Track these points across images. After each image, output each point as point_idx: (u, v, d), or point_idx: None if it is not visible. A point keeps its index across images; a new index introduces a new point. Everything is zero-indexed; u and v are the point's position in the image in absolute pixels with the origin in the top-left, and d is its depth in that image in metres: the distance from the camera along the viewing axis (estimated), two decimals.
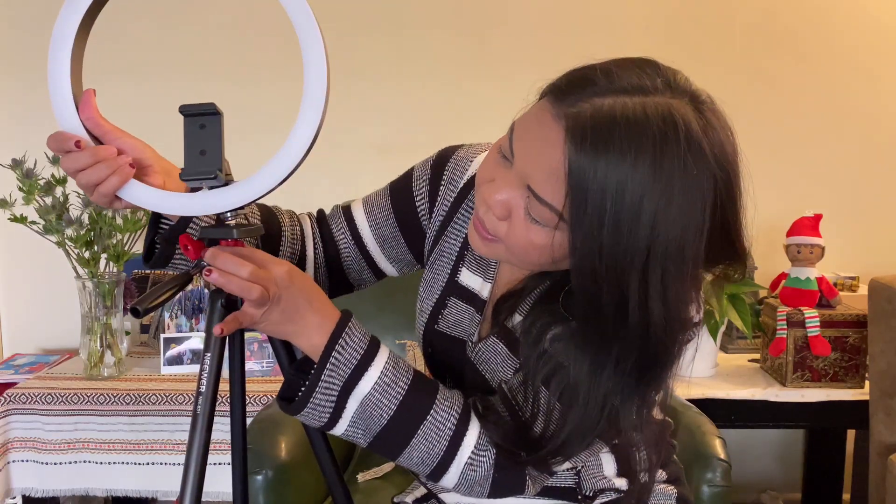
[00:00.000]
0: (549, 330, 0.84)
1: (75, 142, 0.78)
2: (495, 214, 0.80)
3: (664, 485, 1.04)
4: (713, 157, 0.73)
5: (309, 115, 0.77)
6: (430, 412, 0.84)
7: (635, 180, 0.70)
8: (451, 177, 1.00)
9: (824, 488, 2.25)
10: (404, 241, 1.03)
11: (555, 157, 0.73)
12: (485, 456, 0.85)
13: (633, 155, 0.70)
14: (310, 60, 0.75)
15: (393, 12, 2.30)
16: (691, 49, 2.29)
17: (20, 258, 2.37)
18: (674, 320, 0.75)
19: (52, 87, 0.79)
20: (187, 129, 0.79)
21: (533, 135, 0.76)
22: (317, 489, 1.53)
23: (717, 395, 1.90)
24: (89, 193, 0.81)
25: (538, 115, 0.77)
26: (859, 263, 2.35)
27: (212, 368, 0.81)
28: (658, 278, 0.72)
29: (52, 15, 0.78)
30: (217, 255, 0.78)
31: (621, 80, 0.73)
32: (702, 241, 0.73)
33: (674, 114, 0.72)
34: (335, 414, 0.83)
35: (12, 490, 1.92)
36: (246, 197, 0.79)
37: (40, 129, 2.27)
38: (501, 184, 0.80)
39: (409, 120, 2.32)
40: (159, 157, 0.87)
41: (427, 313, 1.01)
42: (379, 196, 1.04)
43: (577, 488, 0.97)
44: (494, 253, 0.85)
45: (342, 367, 0.82)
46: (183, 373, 2.04)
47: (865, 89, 2.34)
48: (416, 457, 0.85)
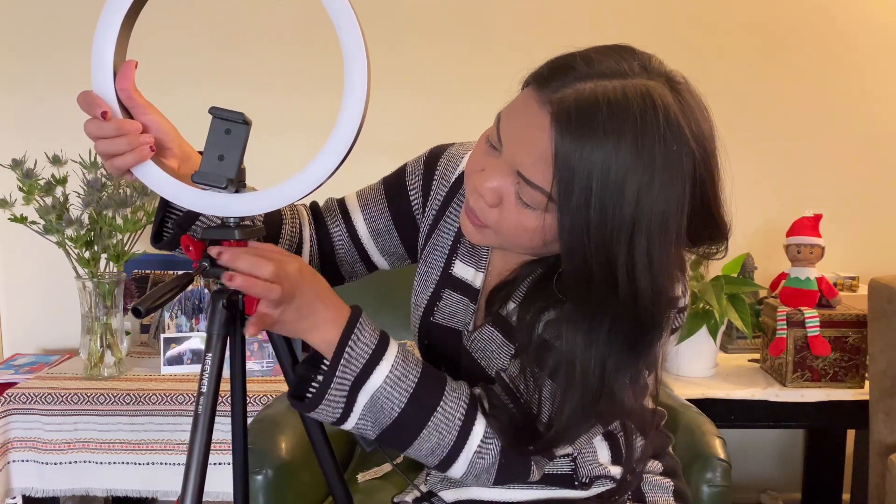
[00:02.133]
0: (544, 315, 0.87)
1: (102, 112, 0.78)
2: (487, 202, 0.84)
3: (660, 476, 1.05)
4: (691, 134, 0.77)
5: (336, 148, 0.78)
6: (440, 404, 0.85)
7: (619, 159, 0.74)
8: (444, 172, 1.03)
9: (824, 488, 2.26)
10: (397, 235, 1.06)
11: (542, 141, 0.77)
12: (492, 444, 0.87)
13: (615, 135, 0.74)
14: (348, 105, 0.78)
15: (402, 22, 2.30)
16: (691, 49, 2.29)
17: (20, 258, 2.37)
18: (660, 292, 0.78)
19: (96, 48, 0.79)
20: (213, 130, 0.79)
21: (520, 122, 0.80)
22: (317, 489, 1.53)
23: (716, 395, 1.90)
24: (104, 160, 0.81)
25: (524, 104, 0.80)
26: (859, 263, 2.35)
27: (213, 369, 0.81)
28: (644, 251, 0.76)
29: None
30: (238, 257, 0.77)
31: (600, 65, 0.77)
32: (684, 215, 0.77)
33: (652, 94, 0.75)
34: (346, 408, 0.84)
35: (12, 490, 1.92)
36: (256, 207, 0.80)
37: (40, 129, 2.29)
38: (491, 172, 0.83)
39: (411, 124, 2.32)
40: (181, 141, 0.88)
41: (422, 306, 1.04)
42: (373, 190, 1.07)
43: (574, 475, 0.99)
44: (486, 239, 0.88)
45: (354, 361, 0.82)
46: (183, 373, 2.04)
47: (866, 89, 2.34)
48: (426, 448, 0.86)
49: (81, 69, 0.80)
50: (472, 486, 1.03)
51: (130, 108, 0.82)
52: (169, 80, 2.26)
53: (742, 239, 2.34)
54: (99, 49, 0.79)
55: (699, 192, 0.79)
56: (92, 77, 0.79)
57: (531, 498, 1.01)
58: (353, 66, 0.77)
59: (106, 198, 1.86)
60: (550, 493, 1.00)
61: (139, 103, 0.82)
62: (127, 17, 0.79)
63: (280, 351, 0.91)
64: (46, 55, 2.30)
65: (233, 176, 0.79)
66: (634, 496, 1.02)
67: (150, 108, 0.83)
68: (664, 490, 1.05)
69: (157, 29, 2.21)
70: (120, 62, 0.80)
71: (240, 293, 0.85)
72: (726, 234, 0.86)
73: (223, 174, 0.78)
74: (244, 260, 0.77)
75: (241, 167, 0.80)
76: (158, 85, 2.14)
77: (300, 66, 2.30)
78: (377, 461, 1.73)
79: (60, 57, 2.28)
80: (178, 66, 2.28)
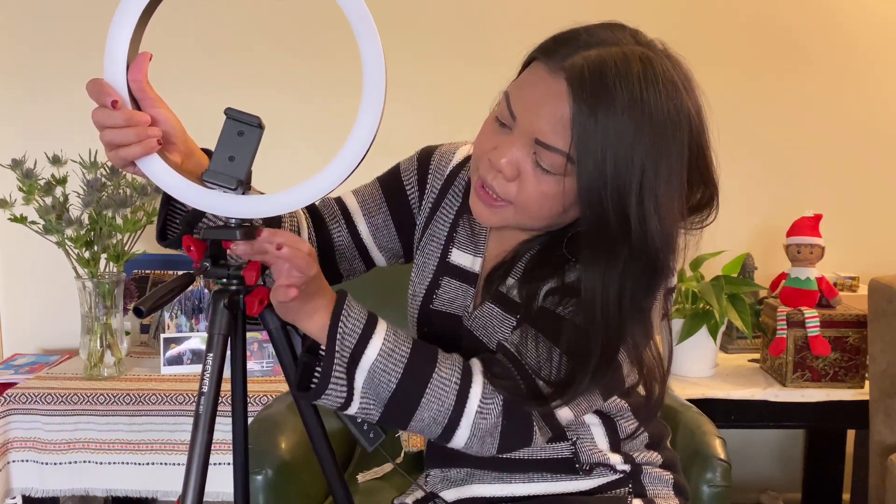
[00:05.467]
0: (544, 285, 0.93)
1: (113, 100, 0.78)
2: (506, 176, 0.88)
3: (660, 469, 1.06)
4: (684, 89, 0.86)
5: (350, 157, 0.80)
6: (435, 370, 0.88)
7: (629, 116, 0.81)
8: (437, 166, 1.09)
9: (824, 488, 2.26)
10: (395, 230, 1.10)
11: (560, 106, 0.83)
12: (492, 402, 0.88)
13: (625, 94, 0.81)
14: (363, 121, 0.79)
15: (405, 29, 2.30)
16: (692, 49, 2.28)
17: (20, 258, 2.37)
18: (667, 235, 0.86)
19: (112, 38, 0.78)
20: (225, 130, 0.80)
21: (533, 93, 0.86)
22: (317, 489, 1.53)
23: (716, 395, 1.91)
24: (108, 150, 0.81)
25: (534, 76, 0.87)
26: (859, 263, 2.35)
27: (214, 369, 0.81)
28: (653, 198, 0.83)
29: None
30: (277, 232, 0.80)
31: (599, 36, 0.86)
32: (685, 164, 0.85)
33: (649, 57, 0.84)
34: (349, 390, 0.86)
35: (12, 490, 1.92)
36: (260, 210, 0.81)
37: (40, 129, 2.29)
38: (506, 147, 0.87)
39: (409, 125, 2.32)
40: (186, 137, 0.88)
41: (421, 295, 1.07)
42: (369, 188, 1.11)
43: (575, 458, 1.01)
44: (502, 217, 0.91)
45: (348, 337, 0.85)
46: (183, 373, 2.04)
47: (866, 89, 2.34)
48: (428, 417, 0.88)
49: (82, 69, 0.80)
50: (473, 485, 1.04)
51: (141, 100, 0.82)
52: (175, 81, 2.26)
53: (742, 239, 2.34)
54: (114, 39, 0.78)
55: (695, 143, 0.87)
56: (104, 66, 0.79)
57: (532, 492, 1.01)
58: (371, 79, 0.78)
59: (106, 198, 1.86)
60: (551, 486, 1.01)
61: (150, 96, 0.82)
62: (145, 11, 0.79)
63: (280, 350, 0.91)
64: (47, 55, 2.29)
65: (243, 177, 0.79)
66: (635, 490, 1.03)
67: (159, 102, 0.83)
68: (664, 483, 1.05)
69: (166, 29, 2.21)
70: (133, 54, 0.80)
71: (240, 293, 0.85)
72: (716, 187, 0.92)
73: (234, 175, 0.79)
74: (283, 235, 0.80)
75: (250, 169, 0.80)
76: (167, 84, 2.15)
77: (305, 72, 2.30)
78: (377, 461, 1.73)
79: (61, 57, 2.28)
80: (187, 67, 2.29)
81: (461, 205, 1.07)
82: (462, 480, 1.05)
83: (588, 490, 1.01)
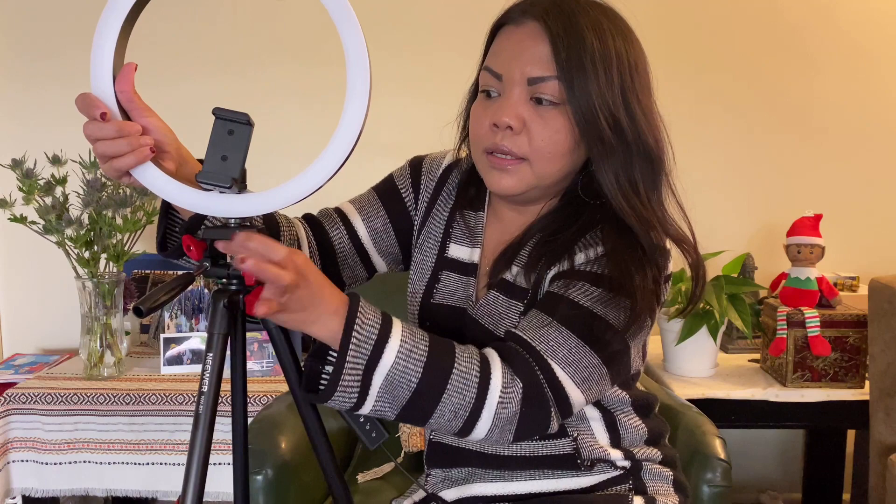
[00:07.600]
0: (549, 270, 0.97)
1: (101, 113, 0.78)
2: (515, 128, 0.93)
3: (660, 466, 1.06)
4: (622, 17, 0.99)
5: (339, 146, 0.79)
6: (455, 364, 0.87)
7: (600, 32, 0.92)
8: (430, 168, 1.14)
9: (824, 488, 2.26)
10: (394, 233, 1.13)
11: (538, 42, 0.93)
12: (512, 391, 0.88)
13: (591, 15, 0.93)
14: (350, 108, 0.79)
15: (402, 28, 2.30)
16: (693, 49, 2.29)
17: (20, 258, 2.37)
18: (654, 127, 0.96)
19: (96, 50, 0.79)
20: (215, 131, 0.79)
21: (512, 47, 0.95)
22: (317, 489, 1.53)
23: (717, 395, 1.90)
24: (102, 163, 0.81)
25: (507, 37, 0.96)
26: (859, 263, 2.35)
27: (214, 369, 0.81)
28: (636, 100, 0.94)
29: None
30: (252, 237, 0.77)
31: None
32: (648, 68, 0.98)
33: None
34: (362, 392, 0.84)
35: (12, 490, 1.92)
36: (259, 207, 0.80)
37: (40, 129, 2.29)
38: (504, 104, 0.94)
39: (407, 126, 2.32)
40: (179, 144, 0.88)
41: (420, 291, 1.09)
42: (366, 195, 1.15)
43: (576, 454, 1.01)
44: (521, 178, 0.96)
45: (364, 344, 0.83)
46: (183, 373, 2.04)
47: (866, 89, 2.34)
48: (449, 412, 0.87)
49: (82, 68, 0.80)
50: (475, 484, 1.04)
51: (130, 110, 0.82)
52: (167, 77, 2.27)
53: (742, 239, 2.34)
54: (98, 51, 0.79)
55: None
56: (91, 79, 0.79)
57: (534, 490, 1.02)
58: (355, 71, 0.78)
59: (106, 198, 1.86)
60: (553, 483, 1.02)
61: (138, 106, 0.82)
62: (127, 20, 0.79)
63: (280, 350, 0.91)
64: (46, 54, 2.30)
65: (237, 175, 0.79)
66: (636, 486, 1.03)
67: (149, 112, 0.83)
68: (664, 480, 1.06)
69: (155, 26, 2.21)
70: (119, 64, 0.80)
71: (241, 293, 0.85)
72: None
73: (228, 174, 0.78)
74: (258, 241, 0.77)
75: (244, 168, 0.80)
76: (158, 81, 2.16)
77: (297, 74, 2.30)
78: (377, 461, 1.73)
79: (61, 56, 2.28)
80: (177, 62, 2.29)
81: (455, 202, 1.10)
82: (463, 480, 1.05)
83: (589, 487, 1.02)
